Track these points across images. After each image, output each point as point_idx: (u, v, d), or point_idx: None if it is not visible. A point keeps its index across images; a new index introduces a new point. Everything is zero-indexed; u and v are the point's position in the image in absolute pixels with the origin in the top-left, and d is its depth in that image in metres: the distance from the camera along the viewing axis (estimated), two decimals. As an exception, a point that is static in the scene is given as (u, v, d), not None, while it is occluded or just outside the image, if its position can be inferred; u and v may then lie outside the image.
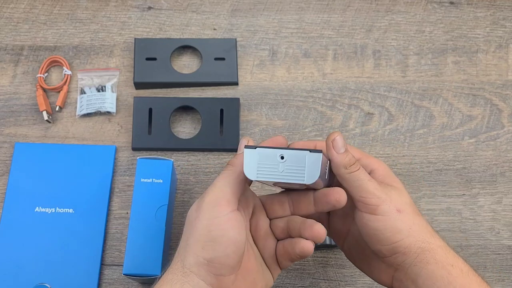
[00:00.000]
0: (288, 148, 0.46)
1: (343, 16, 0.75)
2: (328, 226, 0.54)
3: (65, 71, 0.71)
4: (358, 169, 0.46)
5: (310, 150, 0.44)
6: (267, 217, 0.51)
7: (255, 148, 0.44)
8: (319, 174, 0.43)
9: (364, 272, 0.52)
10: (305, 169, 0.44)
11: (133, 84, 0.71)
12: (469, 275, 0.46)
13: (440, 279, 0.45)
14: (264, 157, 0.44)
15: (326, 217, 0.54)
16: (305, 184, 0.44)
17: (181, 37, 0.74)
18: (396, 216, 0.46)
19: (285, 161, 0.44)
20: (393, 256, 0.47)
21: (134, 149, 0.68)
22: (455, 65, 0.73)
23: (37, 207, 0.64)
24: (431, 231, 0.47)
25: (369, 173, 0.49)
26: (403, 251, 0.46)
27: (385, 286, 0.50)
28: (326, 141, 0.47)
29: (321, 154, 0.44)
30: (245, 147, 0.45)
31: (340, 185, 0.48)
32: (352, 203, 0.50)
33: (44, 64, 0.71)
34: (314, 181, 0.44)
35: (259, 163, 0.44)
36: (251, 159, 0.44)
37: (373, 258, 0.50)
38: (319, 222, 0.52)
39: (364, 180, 0.46)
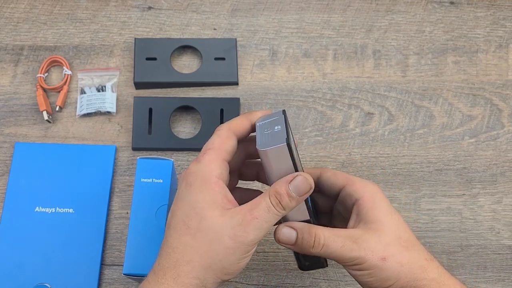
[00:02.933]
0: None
1: (343, 16, 0.75)
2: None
3: (65, 71, 0.71)
4: (322, 246, 0.46)
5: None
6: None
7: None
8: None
9: None
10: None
11: (133, 84, 0.71)
12: None
13: None
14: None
15: (329, 219, 0.54)
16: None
17: (181, 37, 0.74)
18: (382, 266, 0.45)
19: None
20: None
21: (134, 149, 0.68)
22: (455, 65, 0.73)
23: (37, 207, 0.64)
24: (423, 264, 0.46)
25: (353, 204, 0.48)
26: None
27: None
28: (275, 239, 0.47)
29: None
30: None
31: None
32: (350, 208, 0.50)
33: (44, 64, 0.71)
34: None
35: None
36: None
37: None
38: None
39: (336, 251, 0.46)
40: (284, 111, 0.47)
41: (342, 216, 0.52)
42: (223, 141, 0.46)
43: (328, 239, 0.46)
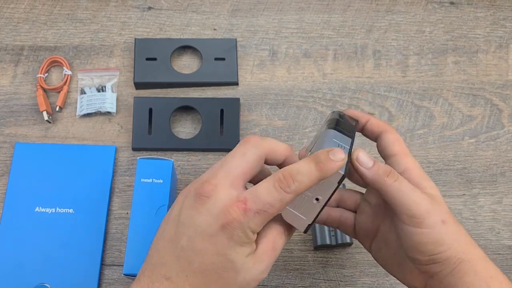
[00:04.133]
0: None
1: (343, 16, 0.75)
2: (354, 226, 0.52)
3: (65, 71, 0.71)
4: (397, 179, 0.44)
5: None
6: None
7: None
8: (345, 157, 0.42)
9: (394, 276, 0.49)
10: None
11: (133, 84, 0.71)
12: None
13: None
14: (296, 204, 0.44)
15: (352, 216, 0.52)
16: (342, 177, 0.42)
17: (181, 37, 0.74)
18: (441, 228, 0.43)
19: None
20: (430, 265, 0.45)
21: (134, 149, 0.68)
22: (455, 65, 0.73)
23: (37, 207, 0.64)
24: (472, 241, 0.45)
25: (401, 173, 0.46)
26: (442, 261, 0.44)
27: None
28: (352, 162, 0.44)
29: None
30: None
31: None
32: (383, 204, 0.49)
33: (44, 64, 0.71)
34: (344, 169, 0.41)
35: (298, 212, 0.44)
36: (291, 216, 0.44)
37: (406, 263, 0.47)
38: (345, 221, 0.51)
39: (406, 191, 0.43)
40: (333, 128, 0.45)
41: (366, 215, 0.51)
42: (282, 208, 0.42)
43: (402, 178, 0.44)
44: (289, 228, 0.45)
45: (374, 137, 0.50)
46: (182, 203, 0.43)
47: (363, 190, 0.52)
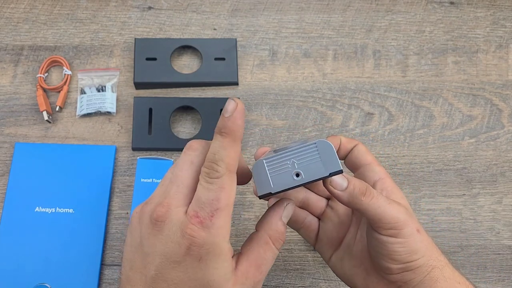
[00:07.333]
0: (292, 147, 0.43)
1: (343, 16, 0.75)
2: (317, 232, 0.51)
3: (65, 71, 0.71)
4: (373, 197, 0.43)
5: (316, 142, 0.41)
6: None
7: (263, 160, 0.41)
8: (338, 159, 0.41)
9: None
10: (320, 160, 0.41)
11: (133, 84, 0.71)
12: None
13: None
14: (274, 167, 0.41)
15: (317, 222, 0.52)
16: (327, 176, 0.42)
17: (181, 37, 0.74)
18: (417, 237, 0.44)
19: (298, 163, 0.41)
20: (402, 273, 0.45)
21: (134, 149, 0.68)
22: (455, 65, 0.73)
23: (37, 207, 0.64)
24: (438, 248, 0.46)
25: (376, 182, 0.47)
26: (414, 269, 0.44)
27: None
28: (326, 187, 0.44)
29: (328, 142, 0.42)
30: (254, 165, 0.41)
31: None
32: (350, 213, 0.49)
33: (44, 64, 0.71)
34: (338, 167, 0.41)
35: (270, 175, 0.41)
36: (260, 172, 0.41)
37: (372, 272, 0.47)
38: (308, 225, 0.50)
39: (384, 207, 0.43)
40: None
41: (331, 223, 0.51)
42: (229, 194, 0.39)
43: (377, 193, 0.44)
44: (276, 237, 0.42)
45: (346, 153, 0.50)
46: (140, 231, 0.40)
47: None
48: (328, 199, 0.52)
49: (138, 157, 0.61)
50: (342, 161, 0.49)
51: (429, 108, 0.71)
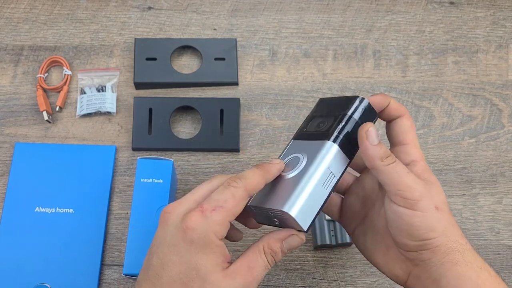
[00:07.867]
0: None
1: (343, 16, 0.75)
2: (340, 207, 0.52)
3: (65, 71, 0.71)
4: (395, 161, 0.44)
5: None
6: None
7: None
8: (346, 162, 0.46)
9: (373, 263, 0.49)
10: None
11: (133, 84, 0.71)
12: (497, 280, 0.45)
13: (468, 281, 0.43)
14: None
15: (339, 198, 0.52)
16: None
17: (181, 37, 0.74)
18: (434, 213, 0.44)
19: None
20: (419, 252, 0.44)
21: (134, 149, 0.68)
22: (455, 65, 0.73)
23: (37, 207, 0.64)
24: (462, 233, 0.46)
25: (407, 164, 0.46)
26: (432, 249, 0.44)
27: (396, 280, 0.47)
28: (359, 132, 0.44)
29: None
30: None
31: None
32: (377, 188, 0.49)
33: (44, 64, 0.71)
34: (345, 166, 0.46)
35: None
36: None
37: (392, 249, 0.47)
38: (331, 200, 0.50)
39: (402, 173, 0.44)
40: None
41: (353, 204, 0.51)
42: (237, 203, 0.43)
43: (399, 162, 0.44)
44: (268, 252, 0.45)
45: (389, 120, 0.49)
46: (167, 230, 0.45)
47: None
48: (355, 176, 0.52)
49: (138, 157, 0.61)
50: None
51: (429, 108, 0.71)
